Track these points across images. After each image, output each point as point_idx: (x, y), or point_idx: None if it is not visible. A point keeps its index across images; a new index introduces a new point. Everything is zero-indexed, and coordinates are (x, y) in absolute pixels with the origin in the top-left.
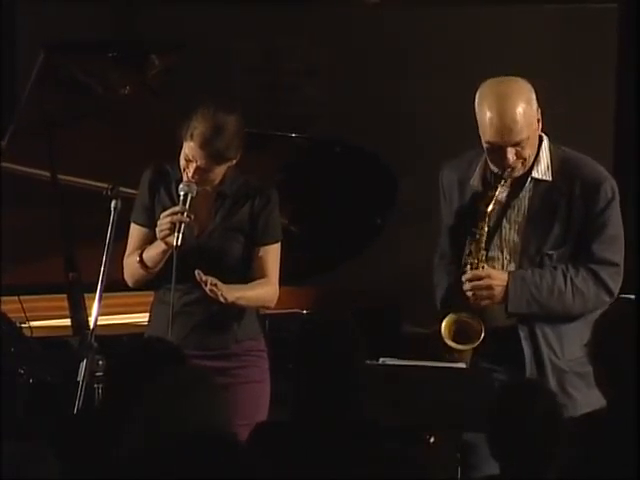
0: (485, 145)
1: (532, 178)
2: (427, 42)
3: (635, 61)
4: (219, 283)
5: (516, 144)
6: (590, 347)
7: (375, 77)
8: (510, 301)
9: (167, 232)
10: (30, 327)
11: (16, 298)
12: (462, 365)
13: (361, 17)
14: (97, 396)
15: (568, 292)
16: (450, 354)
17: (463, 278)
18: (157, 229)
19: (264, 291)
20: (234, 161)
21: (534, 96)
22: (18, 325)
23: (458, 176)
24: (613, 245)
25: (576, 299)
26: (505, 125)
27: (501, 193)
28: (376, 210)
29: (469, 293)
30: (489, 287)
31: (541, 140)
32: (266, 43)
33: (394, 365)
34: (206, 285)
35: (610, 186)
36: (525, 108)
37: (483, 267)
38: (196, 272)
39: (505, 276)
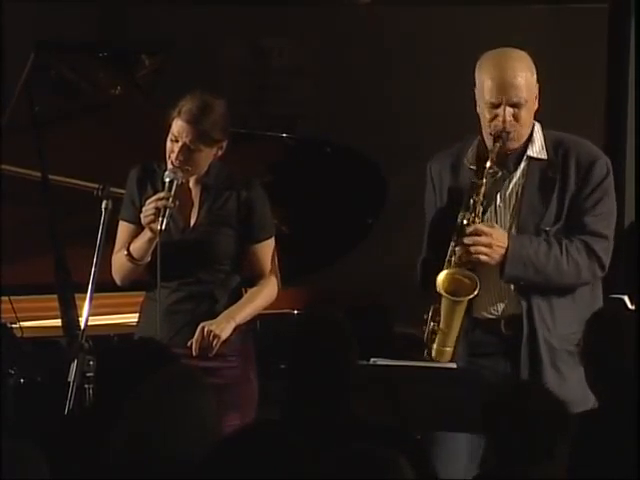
0: (485, 107)
1: (527, 157)
2: (417, 42)
3: (625, 61)
4: (208, 328)
5: (515, 105)
6: (582, 347)
7: (366, 77)
8: (508, 262)
9: (152, 217)
10: (20, 327)
11: (6, 298)
12: (453, 365)
13: (352, 17)
14: (88, 396)
15: (564, 259)
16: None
17: (467, 231)
18: (142, 215)
19: (265, 294)
20: (219, 151)
21: (535, 70)
22: (8, 325)
23: (450, 162)
24: (606, 220)
25: (570, 267)
26: (507, 81)
27: (496, 171)
28: (367, 210)
29: (470, 248)
30: (489, 245)
31: (533, 124)
32: (255, 43)
33: (385, 365)
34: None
35: (605, 162)
36: (526, 72)
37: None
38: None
39: (506, 238)
